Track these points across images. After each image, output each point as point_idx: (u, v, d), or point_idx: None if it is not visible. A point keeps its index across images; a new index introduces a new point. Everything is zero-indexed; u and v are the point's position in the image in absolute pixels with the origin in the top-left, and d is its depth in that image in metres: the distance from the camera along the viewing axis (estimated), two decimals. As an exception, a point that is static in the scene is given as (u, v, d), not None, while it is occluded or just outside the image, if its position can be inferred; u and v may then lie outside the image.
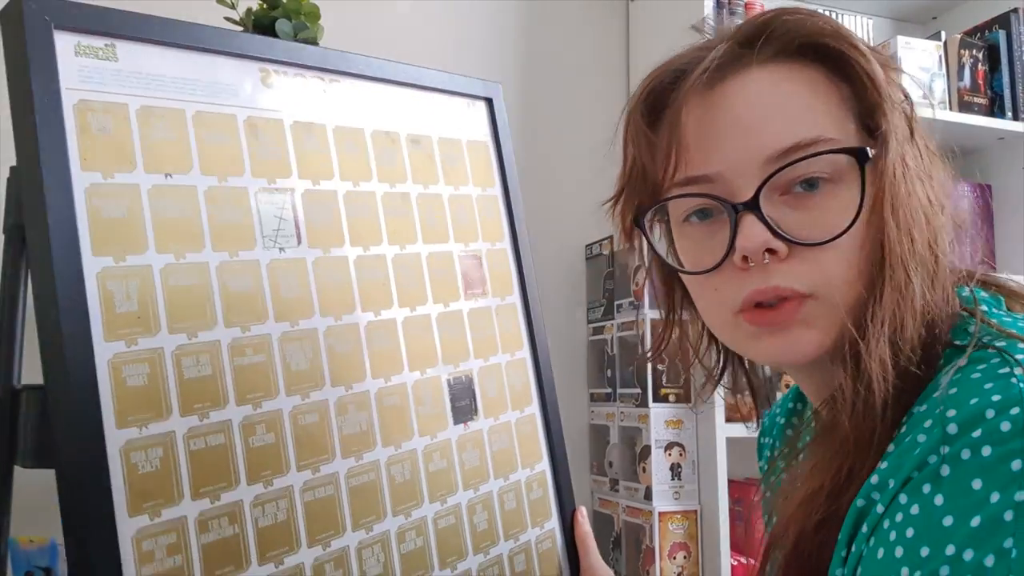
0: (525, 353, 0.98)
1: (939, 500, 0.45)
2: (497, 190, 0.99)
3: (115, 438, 0.62)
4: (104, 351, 0.63)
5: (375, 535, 0.78)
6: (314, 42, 0.83)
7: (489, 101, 1.01)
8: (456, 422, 0.87)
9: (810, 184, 0.54)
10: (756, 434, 0.82)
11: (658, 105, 0.60)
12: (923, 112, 0.59)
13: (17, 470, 0.74)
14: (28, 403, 0.78)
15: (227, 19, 0.84)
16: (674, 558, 1.40)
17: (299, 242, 0.77)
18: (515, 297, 0.98)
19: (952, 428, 0.46)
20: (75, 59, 0.64)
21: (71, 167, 0.63)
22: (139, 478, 0.63)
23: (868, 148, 0.54)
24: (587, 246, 1.66)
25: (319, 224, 0.79)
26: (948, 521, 0.44)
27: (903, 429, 0.50)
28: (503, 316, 0.96)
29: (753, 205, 0.54)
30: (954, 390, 0.48)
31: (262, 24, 0.82)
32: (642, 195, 0.63)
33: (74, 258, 0.62)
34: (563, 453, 0.99)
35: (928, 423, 0.47)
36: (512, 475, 0.92)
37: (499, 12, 1.66)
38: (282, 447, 0.72)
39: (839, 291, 0.54)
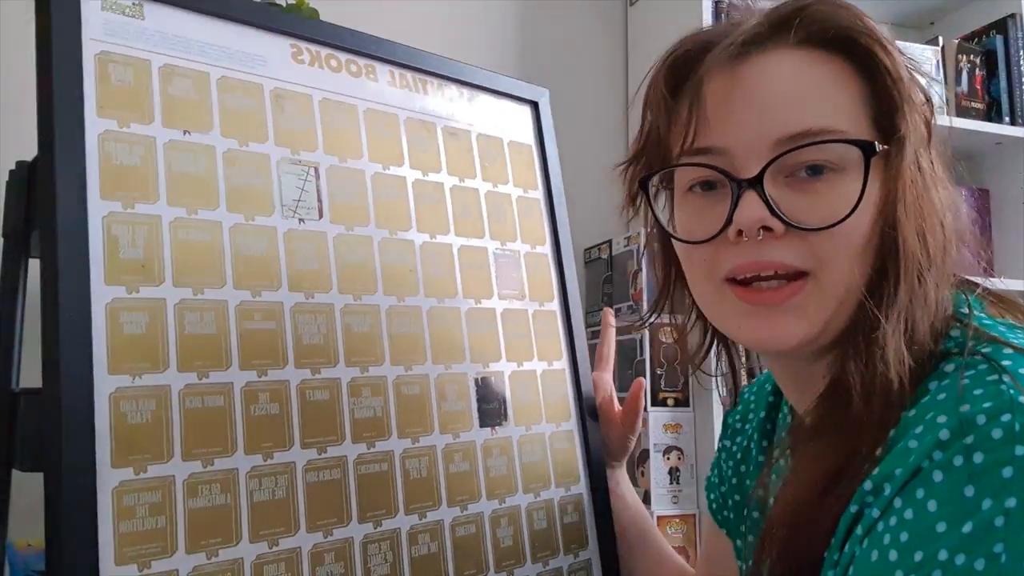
0: (564, 365, 0.91)
1: (932, 506, 0.46)
2: (540, 193, 0.95)
3: (105, 384, 0.59)
4: (103, 293, 0.60)
5: (384, 531, 0.71)
6: None
7: (535, 105, 0.99)
8: (483, 424, 0.81)
9: (815, 170, 0.55)
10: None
11: (681, 74, 0.61)
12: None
13: (15, 473, 0.73)
14: (26, 406, 0.77)
15: None
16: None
17: (321, 216, 0.74)
18: (555, 305, 0.93)
19: (944, 434, 0.46)
20: (101, 13, 0.65)
21: (85, 111, 0.62)
22: (127, 428, 0.59)
23: (876, 143, 0.55)
24: (586, 250, 1.65)
25: (344, 201, 0.76)
26: (941, 527, 0.45)
27: (892, 433, 0.50)
28: (541, 322, 0.90)
29: (756, 182, 0.55)
30: (942, 396, 0.49)
31: None
32: (654, 161, 0.64)
33: (79, 198, 0.60)
34: (603, 478, 0.90)
35: (919, 429, 0.48)
36: (544, 492, 0.85)
37: (498, 14, 1.66)
38: (286, 420, 0.67)
39: (834, 275, 0.54)
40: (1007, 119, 1.84)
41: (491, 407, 0.82)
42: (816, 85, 0.56)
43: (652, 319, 0.73)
